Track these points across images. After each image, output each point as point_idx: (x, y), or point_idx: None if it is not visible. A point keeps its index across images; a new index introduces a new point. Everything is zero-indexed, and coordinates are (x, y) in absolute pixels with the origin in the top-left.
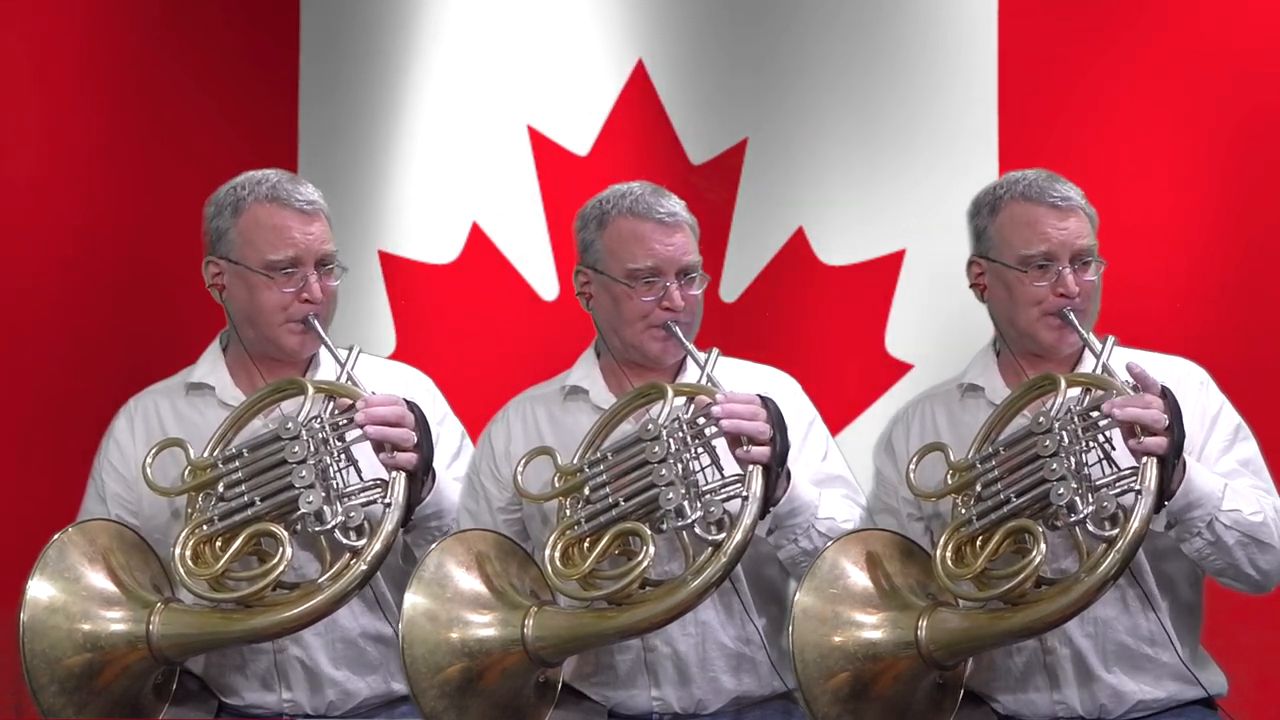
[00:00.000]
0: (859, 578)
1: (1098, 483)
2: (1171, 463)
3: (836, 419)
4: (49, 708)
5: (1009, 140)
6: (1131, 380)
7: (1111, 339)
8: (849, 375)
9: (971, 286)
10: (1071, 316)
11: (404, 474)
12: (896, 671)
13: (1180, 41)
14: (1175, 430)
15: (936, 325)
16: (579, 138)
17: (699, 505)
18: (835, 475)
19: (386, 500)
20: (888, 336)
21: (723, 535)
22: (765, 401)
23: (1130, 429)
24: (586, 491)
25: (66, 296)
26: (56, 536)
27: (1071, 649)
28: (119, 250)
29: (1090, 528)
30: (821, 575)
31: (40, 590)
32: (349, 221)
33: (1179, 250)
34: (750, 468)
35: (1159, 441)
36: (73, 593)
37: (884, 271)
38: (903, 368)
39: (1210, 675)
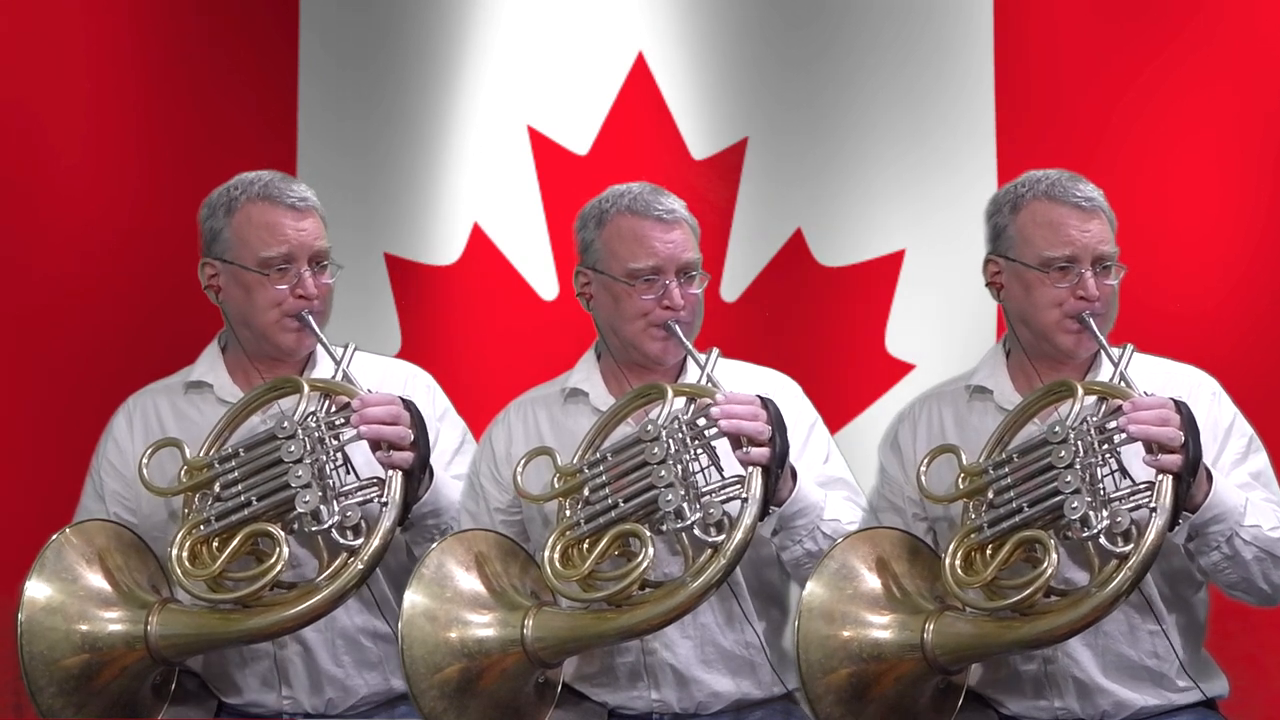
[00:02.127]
0: (867, 577)
1: (1111, 497)
2: (1187, 480)
3: (837, 419)
4: (48, 708)
5: (1007, 141)
6: (1148, 391)
7: (1130, 347)
8: (849, 375)
9: (988, 285)
10: (1091, 322)
11: (400, 472)
12: (899, 673)
13: (1179, 42)
14: (1191, 447)
15: (936, 325)
16: (579, 137)
17: (698, 506)
18: (837, 478)
19: (383, 499)
20: (888, 336)
21: (722, 537)
22: (765, 402)
23: (1147, 444)
24: (586, 492)
25: (78, 303)
26: (54, 537)
27: (1073, 659)
28: (161, 253)
29: (1103, 542)
30: (830, 573)
31: (38, 591)
32: (355, 225)
33: (1179, 253)
34: (750, 469)
35: (1174, 459)
36: (70, 593)
37: (884, 271)
38: (903, 368)
39: (1211, 679)
